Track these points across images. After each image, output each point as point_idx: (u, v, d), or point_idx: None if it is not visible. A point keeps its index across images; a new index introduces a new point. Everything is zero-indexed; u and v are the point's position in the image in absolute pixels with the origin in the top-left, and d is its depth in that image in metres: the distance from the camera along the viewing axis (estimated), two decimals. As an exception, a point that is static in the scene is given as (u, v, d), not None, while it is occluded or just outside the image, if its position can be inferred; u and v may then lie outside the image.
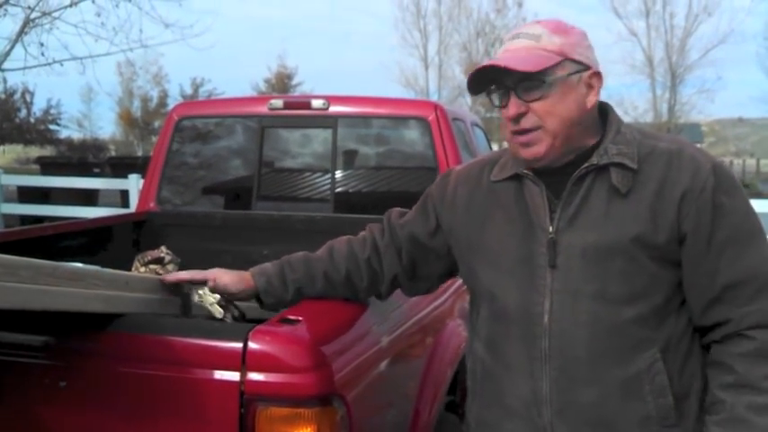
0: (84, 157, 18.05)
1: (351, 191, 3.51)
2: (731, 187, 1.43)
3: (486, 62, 1.47)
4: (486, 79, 1.49)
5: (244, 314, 1.74)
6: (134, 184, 9.40)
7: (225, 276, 1.74)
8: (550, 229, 1.46)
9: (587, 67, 1.48)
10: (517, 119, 1.44)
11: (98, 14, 11.03)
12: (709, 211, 1.40)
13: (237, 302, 1.76)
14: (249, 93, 34.49)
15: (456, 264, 1.67)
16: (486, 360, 1.54)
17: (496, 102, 1.48)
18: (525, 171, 1.51)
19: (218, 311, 1.70)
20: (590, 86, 1.48)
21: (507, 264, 1.50)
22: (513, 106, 1.44)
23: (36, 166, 15.45)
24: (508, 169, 1.56)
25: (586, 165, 1.45)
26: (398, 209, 1.80)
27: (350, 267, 1.73)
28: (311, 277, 1.73)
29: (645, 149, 1.46)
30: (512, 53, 1.45)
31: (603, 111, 1.54)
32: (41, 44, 11.08)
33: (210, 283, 1.73)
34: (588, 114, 1.49)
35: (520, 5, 26.12)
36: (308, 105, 3.47)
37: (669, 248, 1.41)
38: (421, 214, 1.73)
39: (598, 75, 1.50)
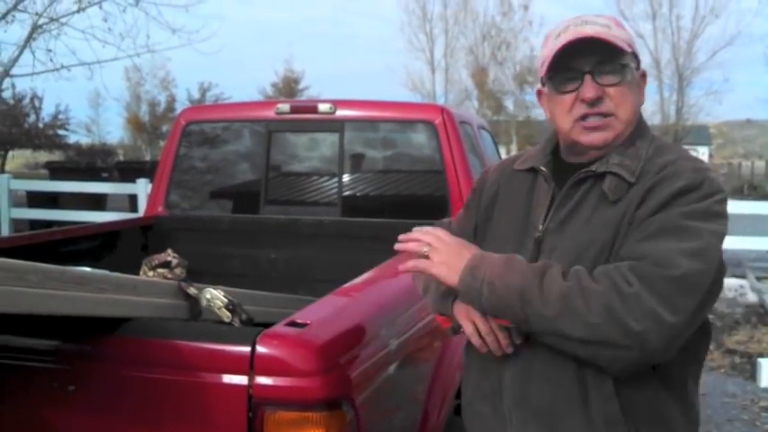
0: (92, 162, 18.11)
1: (358, 194, 3.50)
2: (697, 197, 1.35)
3: (579, 35, 1.40)
4: (557, 63, 1.43)
5: (252, 318, 1.74)
6: (142, 188, 9.44)
7: None
8: (540, 227, 1.47)
9: (638, 64, 1.48)
10: (593, 102, 1.41)
11: (105, 20, 11.08)
12: (659, 204, 1.35)
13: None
14: (256, 97, 34.59)
15: None
16: (470, 345, 1.56)
17: (570, 86, 1.43)
18: (541, 168, 1.52)
19: (226, 315, 1.70)
20: (639, 85, 1.49)
21: (502, 253, 1.49)
22: (591, 88, 1.41)
23: (45, 171, 15.54)
24: (529, 161, 1.57)
25: (584, 171, 1.45)
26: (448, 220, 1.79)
27: None
28: None
29: (651, 167, 1.43)
30: (593, 33, 1.41)
31: (641, 119, 1.53)
32: (49, 50, 11.12)
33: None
34: (639, 112, 1.49)
35: (526, 8, 26.15)
36: (314, 109, 3.47)
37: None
38: (465, 216, 1.73)
39: (645, 76, 1.51)
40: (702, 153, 45.67)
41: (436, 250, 1.39)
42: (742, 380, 5.00)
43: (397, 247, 1.44)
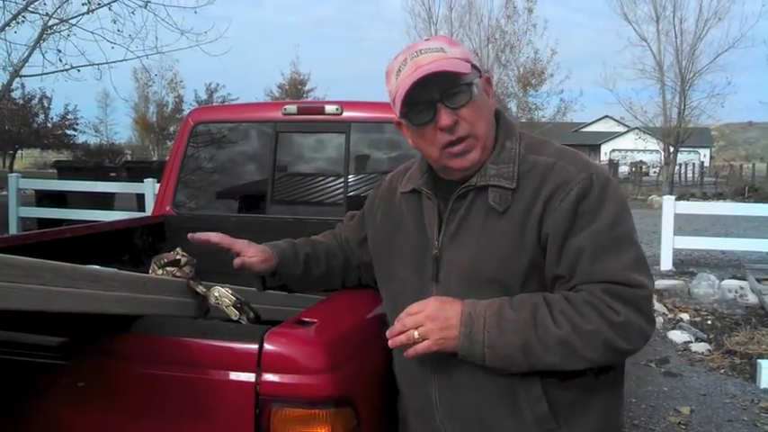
0: (100, 162, 18.18)
1: (363, 195, 3.52)
2: (599, 198, 1.43)
3: (417, 75, 1.43)
4: (407, 100, 1.47)
5: (259, 316, 1.76)
6: (150, 187, 9.51)
7: (251, 248, 1.86)
8: (436, 243, 1.53)
9: (480, 74, 1.52)
10: (452, 128, 1.46)
11: (114, 21, 11.15)
12: (568, 219, 1.41)
13: (252, 305, 1.78)
14: (263, 98, 34.63)
15: None
16: (397, 364, 1.64)
17: (426, 118, 1.48)
18: (422, 187, 1.59)
19: (233, 313, 1.72)
20: (486, 91, 1.54)
21: (405, 275, 1.58)
22: (446, 116, 1.46)
23: (53, 171, 15.60)
24: (411, 183, 1.64)
25: (465, 185, 1.51)
26: (352, 212, 1.98)
27: (341, 255, 1.87)
28: (317, 256, 1.85)
29: (525, 166, 1.49)
30: (431, 64, 1.44)
31: (496, 118, 1.57)
32: (59, 51, 11.21)
33: (237, 250, 1.86)
34: (493, 117, 1.55)
35: (530, 11, 26.03)
36: (321, 111, 3.49)
37: (535, 264, 1.44)
38: (358, 222, 1.88)
39: (488, 79, 1.56)
40: (704, 155, 45.56)
41: (427, 330, 1.42)
42: (742, 381, 5.02)
43: (391, 345, 1.48)
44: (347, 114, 3.46)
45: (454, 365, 1.48)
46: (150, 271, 1.89)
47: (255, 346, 1.47)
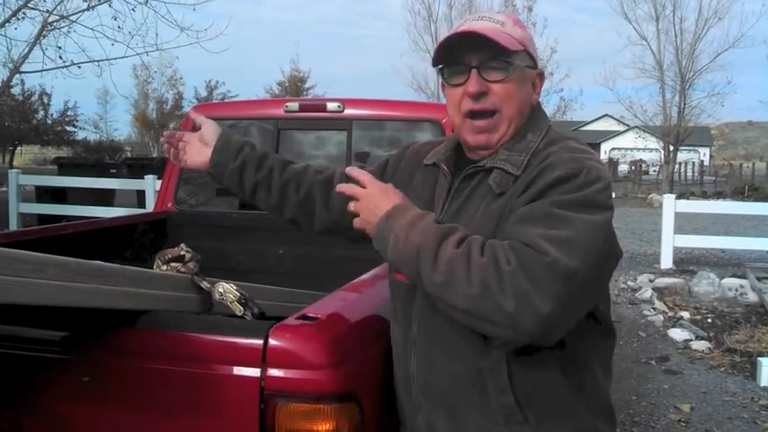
0: (100, 158, 18.19)
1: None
2: (574, 188, 1.36)
3: (464, 27, 1.47)
4: (447, 55, 1.50)
5: (263, 312, 1.77)
6: (150, 184, 9.52)
7: (209, 129, 1.84)
8: (438, 218, 1.51)
9: (535, 66, 1.54)
10: (477, 97, 1.47)
11: (115, 18, 11.14)
12: (535, 194, 1.38)
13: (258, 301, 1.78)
14: (263, 95, 34.61)
15: None
16: (391, 335, 1.65)
17: (458, 80, 1.49)
18: (440, 162, 1.60)
19: (238, 309, 1.73)
20: (534, 85, 1.55)
21: None
22: (475, 83, 1.46)
23: (53, 167, 15.60)
24: (434, 156, 1.65)
25: (474, 165, 1.52)
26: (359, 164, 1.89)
27: (293, 178, 1.82)
28: (260, 162, 1.81)
29: (537, 159, 1.47)
30: (481, 29, 1.45)
31: (536, 113, 1.58)
32: (59, 47, 11.20)
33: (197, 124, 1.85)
34: (529, 110, 1.54)
35: (530, 10, 26.01)
36: (323, 108, 3.50)
37: None
38: (377, 174, 1.78)
39: (542, 75, 1.57)
40: (703, 154, 45.58)
41: (358, 206, 1.49)
42: (742, 378, 5.03)
43: (337, 190, 1.56)
44: (349, 112, 3.46)
45: (432, 345, 1.49)
46: (155, 266, 1.90)
47: (261, 342, 1.47)
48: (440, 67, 1.54)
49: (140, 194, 10.26)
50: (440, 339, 1.47)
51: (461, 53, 1.47)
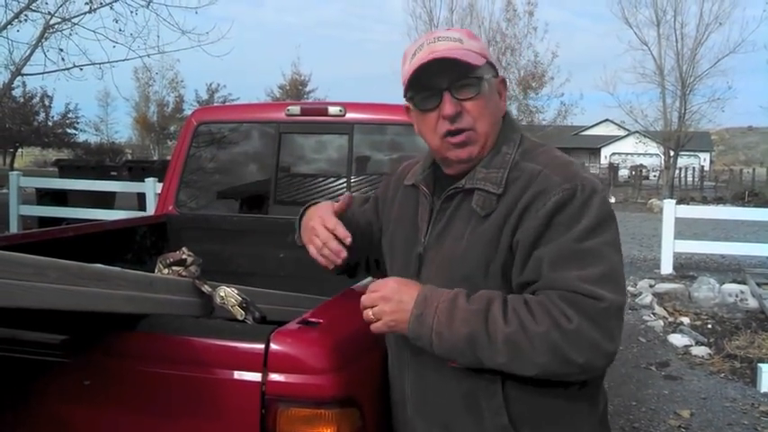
0: (101, 161, 18.19)
1: (366, 196, 3.53)
2: (578, 210, 1.38)
3: (430, 56, 1.45)
4: (415, 83, 1.48)
5: (265, 316, 1.77)
6: (151, 187, 9.51)
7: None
8: (423, 241, 1.54)
9: (497, 74, 1.53)
10: (453, 118, 1.46)
11: (116, 21, 11.15)
12: (540, 227, 1.38)
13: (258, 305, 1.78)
14: (263, 99, 34.64)
15: None
16: (389, 356, 1.66)
17: (431, 105, 1.49)
18: (419, 183, 1.60)
19: (239, 313, 1.73)
20: (500, 93, 1.54)
21: (397, 268, 1.59)
22: (450, 105, 1.46)
23: (53, 169, 15.61)
24: (412, 177, 1.65)
25: (453, 187, 1.51)
26: (359, 195, 1.88)
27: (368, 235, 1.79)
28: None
29: (515, 173, 1.47)
30: (445, 51, 1.45)
31: (507, 122, 1.57)
32: (61, 49, 11.21)
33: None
34: (500, 119, 1.54)
35: (531, 14, 26.05)
36: (324, 112, 3.50)
37: (505, 270, 1.43)
38: (373, 208, 1.83)
39: (504, 82, 1.56)
40: (704, 159, 45.59)
41: (379, 311, 1.43)
42: (742, 384, 5.03)
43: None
44: (350, 116, 3.47)
45: (424, 365, 1.49)
46: (156, 270, 1.90)
47: (262, 346, 1.48)
48: (408, 95, 1.52)
49: (141, 197, 10.26)
50: (433, 359, 1.45)
51: (428, 78, 1.46)
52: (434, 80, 1.46)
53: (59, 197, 10.93)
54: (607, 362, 1.36)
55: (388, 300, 1.42)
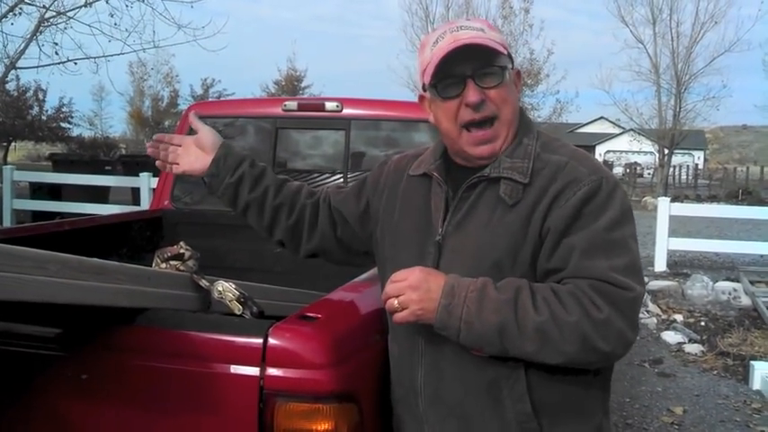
0: (95, 155, 18.14)
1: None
2: (605, 201, 1.43)
3: (454, 45, 1.44)
4: (439, 71, 1.48)
5: (262, 311, 1.77)
6: (145, 182, 9.49)
7: (209, 136, 1.81)
8: (440, 230, 1.53)
9: (513, 64, 1.54)
10: (477, 106, 1.47)
11: (111, 15, 11.11)
12: (570, 217, 1.42)
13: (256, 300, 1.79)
14: (259, 94, 34.55)
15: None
16: (390, 348, 1.64)
17: (453, 92, 1.48)
18: (433, 172, 1.59)
19: (237, 308, 1.73)
20: (515, 84, 1.54)
21: (406, 260, 1.55)
22: (475, 92, 1.46)
23: (47, 163, 15.55)
24: (422, 167, 1.64)
25: (478, 175, 1.51)
26: (338, 183, 1.88)
27: (287, 202, 1.79)
28: (256, 182, 1.77)
29: (540, 164, 1.49)
30: (470, 39, 1.46)
31: (524, 115, 1.59)
32: (55, 43, 11.16)
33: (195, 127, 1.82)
34: (518, 111, 1.55)
35: (527, 11, 26.00)
36: (321, 107, 3.50)
37: (535, 258, 1.45)
38: (355, 195, 1.80)
39: (519, 74, 1.57)
40: (698, 157, 45.71)
41: (406, 299, 1.41)
42: (735, 382, 5.06)
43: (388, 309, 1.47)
44: (347, 111, 3.47)
45: (441, 354, 1.49)
46: (153, 264, 1.90)
47: (260, 341, 1.48)
48: (432, 83, 1.51)
49: (135, 192, 10.24)
50: (450, 348, 1.45)
51: (453, 65, 1.46)
52: (458, 68, 1.46)
53: (53, 191, 10.88)
54: (627, 350, 1.41)
55: (416, 289, 1.41)
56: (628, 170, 35.12)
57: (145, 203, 9.11)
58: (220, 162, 1.76)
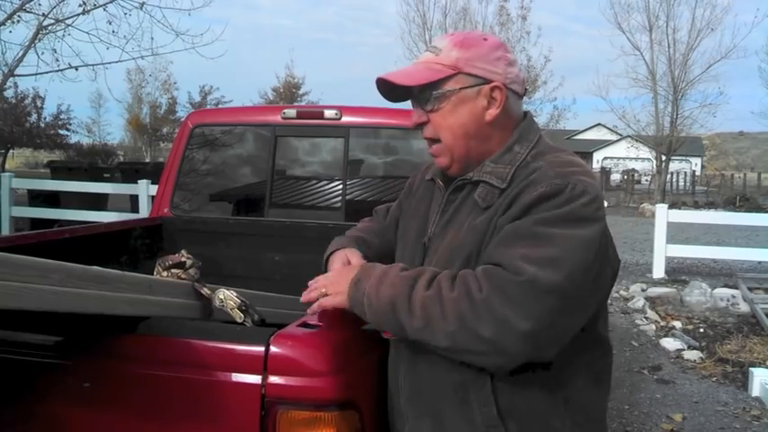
0: (94, 162, 18.14)
1: (361, 199, 3.54)
2: (558, 205, 1.36)
3: (383, 75, 1.55)
4: (381, 91, 1.60)
5: (264, 319, 1.78)
6: (143, 189, 9.49)
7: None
8: (429, 232, 1.58)
9: (487, 81, 1.51)
10: (418, 128, 1.56)
11: (110, 22, 11.13)
12: (518, 212, 1.39)
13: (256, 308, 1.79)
14: (257, 101, 34.60)
15: None
16: (390, 352, 1.67)
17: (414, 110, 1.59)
18: (435, 177, 1.65)
19: (238, 316, 1.73)
20: (492, 99, 1.52)
21: (406, 257, 1.63)
22: (416, 114, 1.56)
23: (45, 170, 15.54)
24: (431, 172, 1.71)
25: (461, 178, 1.55)
26: (382, 207, 2.02)
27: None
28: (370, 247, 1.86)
29: (524, 171, 1.48)
30: (410, 67, 1.57)
31: (526, 124, 1.58)
32: (54, 51, 11.17)
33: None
34: (488, 127, 1.53)
35: (524, 19, 26.06)
36: (320, 115, 3.51)
37: None
38: (396, 207, 1.92)
39: (500, 88, 1.52)
40: (695, 164, 45.79)
41: (329, 284, 1.53)
42: (734, 389, 5.06)
43: (303, 301, 1.59)
44: (346, 119, 3.48)
45: (418, 354, 1.50)
46: (155, 272, 1.91)
47: (262, 349, 1.48)
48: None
49: (134, 199, 10.23)
50: (425, 350, 1.45)
51: (391, 89, 1.57)
52: (408, 89, 1.54)
53: (52, 199, 10.88)
54: (524, 345, 1.28)
55: (333, 278, 1.55)
56: (625, 177, 35.19)
57: (143, 211, 9.10)
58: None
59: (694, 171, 41.10)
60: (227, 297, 1.76)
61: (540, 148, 1.53)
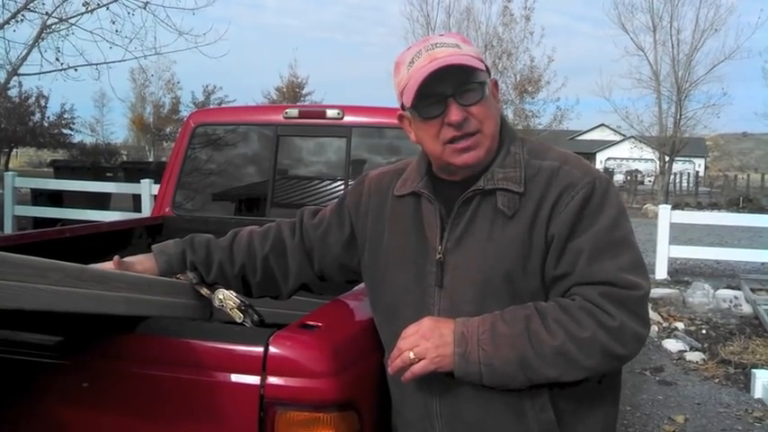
0: (97, 162, 18.18)
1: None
2: (601, 201, 1.46)
3: (434, 66, 1.43)
4: (422, 90, 1.46)
5: (263, 319, 1.77)
6: (146, 188, 9.50)
7: (132, 257, 1.82)
8: (439, 248, 1.51)
9: (490, 75, 1.53)
10: (460, 125, 1.46)
11: (113, 22, 11.15)
12: (572, 221, 1.43)
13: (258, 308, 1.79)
14: (260, 101, 34.65)
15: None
16: (393, 377, 1.58)
17: (435, 112, 1.47)
18: (422, 190, 1.57)
19: (238, 316, 1.73)
20: (493, 95, 1.53)
21: (403, 282, 1.55)
22: (456, 112, 1.45)
23: (48, 169, 15.57)
24: (408, 186, 1.61)
25: (473, 189, 1.50)
26: (311, 208, 1.87)
27: (246, 262, 1.81)
28: (208, 265, 1.81)
29: (531, 171, 1.50)
30: (447, 57, 1.44)
31: (504, 122, 1.59)
32: (58, 50, 11.20)
33: (116, 261, 1.76)
34: (499, 121, 1.55)
35: (528, 19, 26.03)
36: (322, 115, 3.52)
37: (543, 267, 1.46)
38: (336, 221, 1.77)
39: (496, 83, 1.56)
40: (698, 165, 45.74)
41: (422, 350, 1.41)
42: (736, 390, 5.04)
43: (390, 371, 1.48)
44: (348, 119, 3.48)
45: (460, 381, 1.46)
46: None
47: (261, 350, 1.48)
48: (413, 104, 1.48)
49: (136, 198, 10.24)
50: None
51: (432, 86, 1.44)
52: (439, 87, 1.45)
53: (55, 198, 10.90)
54: (641, 348, 1.43)
55: (429, 337, 1.42)
56: (628, 177, 35.13)
57: (146, 210, 9.11)
58: (166, 271, 1.80)
59: (697, 172, 41.07)
60: (226, 297, 1.75)
61: (529, 145, 1.58)
